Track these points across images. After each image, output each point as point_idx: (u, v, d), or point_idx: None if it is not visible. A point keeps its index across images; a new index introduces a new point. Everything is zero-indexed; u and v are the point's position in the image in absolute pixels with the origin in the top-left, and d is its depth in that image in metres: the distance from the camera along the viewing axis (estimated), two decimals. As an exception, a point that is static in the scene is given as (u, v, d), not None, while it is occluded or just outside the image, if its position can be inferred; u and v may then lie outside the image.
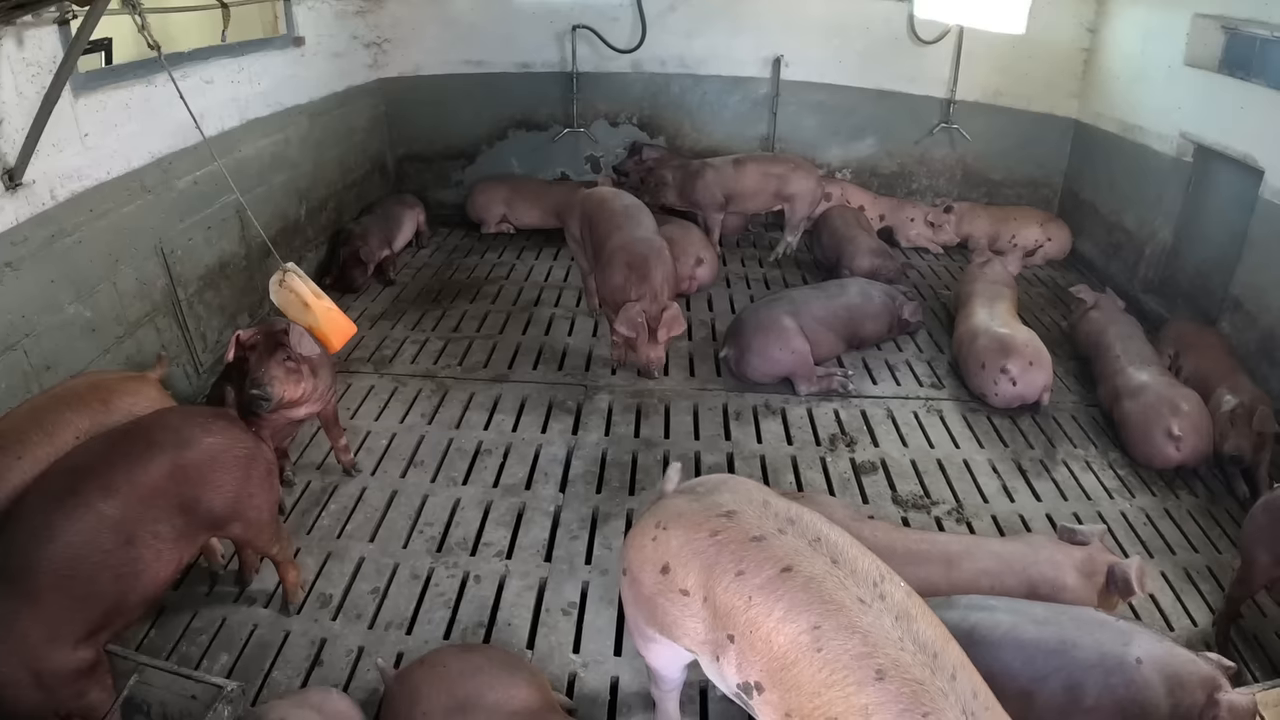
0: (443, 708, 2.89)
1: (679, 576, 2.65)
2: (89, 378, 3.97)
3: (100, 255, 4.67)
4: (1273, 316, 5.82)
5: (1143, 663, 2.81)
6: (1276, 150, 5.83)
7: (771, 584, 2.42)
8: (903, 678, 2.18)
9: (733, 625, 2.49)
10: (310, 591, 4.11)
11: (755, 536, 2.54)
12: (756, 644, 2.42)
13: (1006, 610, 3.11)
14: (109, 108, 4.75)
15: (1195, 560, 4.63)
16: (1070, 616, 3.06)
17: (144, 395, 3.81)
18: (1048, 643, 2.93)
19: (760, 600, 2.41)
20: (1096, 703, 2.81)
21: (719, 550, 2.56)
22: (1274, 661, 3.99)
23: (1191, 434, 5.13)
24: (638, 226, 5.82)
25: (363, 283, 7.32)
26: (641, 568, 2.80)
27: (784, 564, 2.44)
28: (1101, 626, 2.98)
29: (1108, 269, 8.18)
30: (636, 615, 2.95)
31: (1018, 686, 2.85)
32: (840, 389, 6.00)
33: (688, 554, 2.62)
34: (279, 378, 3.97)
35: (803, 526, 2.59)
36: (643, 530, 2.84)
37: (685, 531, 2.67)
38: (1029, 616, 3.06)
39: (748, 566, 2.48)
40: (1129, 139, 7.85)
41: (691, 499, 2.80)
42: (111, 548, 2.95)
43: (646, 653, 3.10)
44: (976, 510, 4.90)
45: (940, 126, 9.04)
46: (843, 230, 7.82)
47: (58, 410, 3.54)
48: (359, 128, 8.27)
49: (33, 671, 2.77)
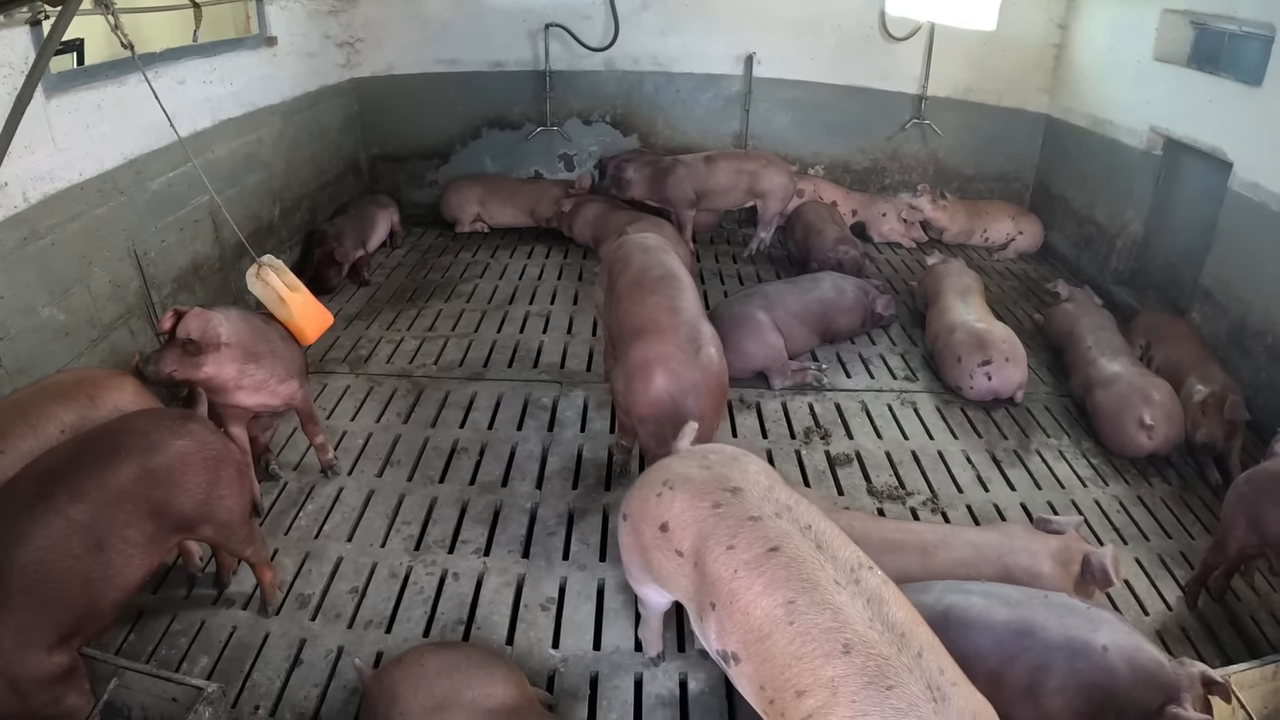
0: (421, 706, 2.89)
1: (676, 537, 2.80)
2: (75, 373, 3.97)
3: (73, 257, 4.65)
4: (1242, 306, 5.92)
5: (1109, 650, 2.87)
6: (1245, 143, 5.93)
7: (757, 561, 2.54)
8: (869, 652, 2.27)
9: (716, 594, 2.62)
10: (289, 592, 4.10)
11: (753, 516, 2.67)
12: (735, 615, 2.54)
13: (980, 593, 3.17)
14: (81, 109, 4.73)
15: (1169, 546, 4.71)
16: (1042, 600, 3.12)
17: (128, 391, 3.81)
18: (1017, 625, 3.00)
19: (744, 574, 2.55)
20: (1062, 684, 2.88)
21: (717, 522, 2.70)
22: (1249, 644, 4.07)
23: (1163, 423, 5.22)
24: (676, 316, 4.24)
25: (337, 283, 7.30)
26: (643, 519, 2.96)
27: (772, 544, 2.57)
28: (1071, 611, 3.04)
29: (1079, 262, 8.28)
30: (632, 561, 3.15)
31: (988, 668, 2.92)
32: (814, 382, 6.04)
33: (688, 519, 2.78)
34: (167, 357, 3.88)
35: (798, 514, 2.71)
36: (650, 484, 2.99)
37: (690, 497, 2.82)
38: (1001, 599, 3.13)
39: (739, 542, 2.61)
40: (1099, 133, 7.95)
41: (703, 466, 2.94)
42: (81, 552, 2.93)
43: (638, 590, 3.31)
44: (952, 500, 4.96)
45: (912, 122, 9.11)
46: (815, 225, 7.87)
47: (43, 404, 3.53)
48: (332, 128, 8.25)
49: (6, 678, 2.75)
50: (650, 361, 4.07)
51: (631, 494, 3.11)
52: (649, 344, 4.12)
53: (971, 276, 6.99)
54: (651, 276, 4.50)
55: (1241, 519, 3.96)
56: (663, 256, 4.72)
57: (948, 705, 2.20)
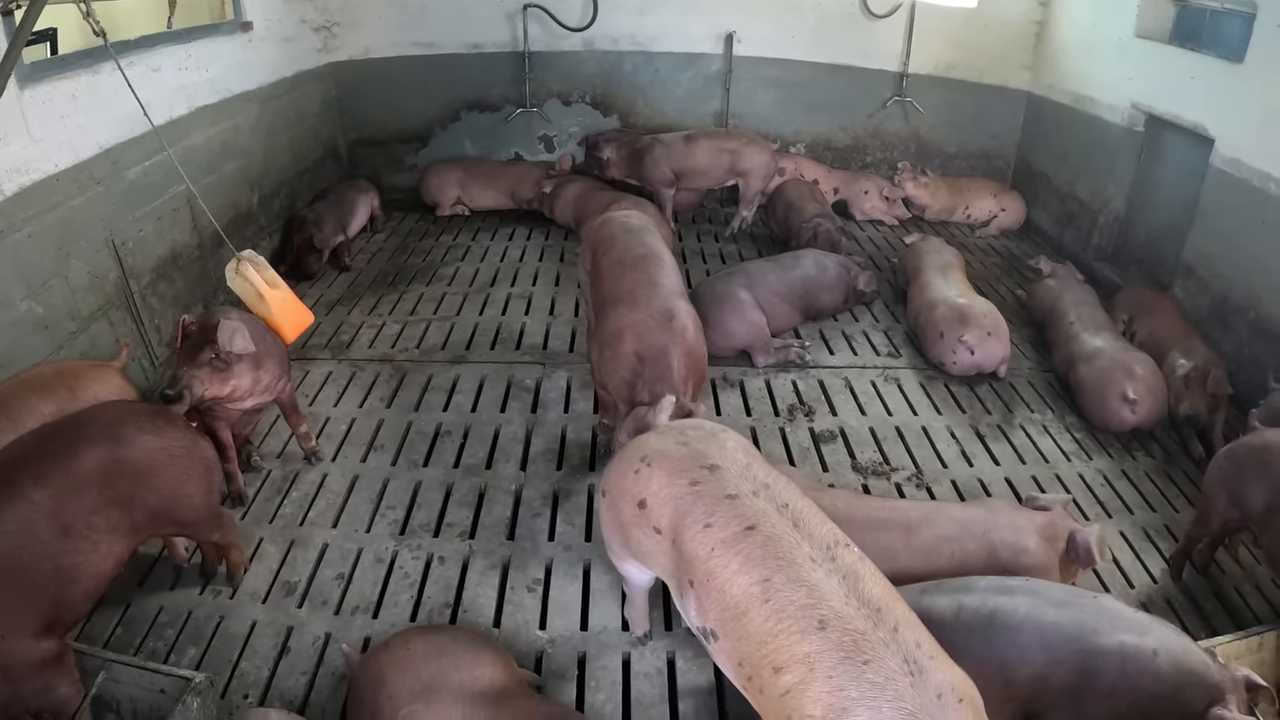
0: (408, 690, 2.89)
1: (654, 515, 2.81)
2: (55, 365, 3.96)
3: (51, 249, 4.59)
4: (1224, 282, 5.97)
5: (1159, 654, 2.84)
6: (1226, 119, 5.97)
7: (734, 539, 2.55)
8: (844, 628, 2.28)
9: (694, 572, 2.63)
10: (275, 580, 4.09)
11: (730, 494, 2.68)
12: (713, 593, 2.55)
13: (1026, 593, 3.12)
14: (56, 99, 4.67)
15: (1153, 520, 4.75)
16: (1089, 601, 3.09)
17: (109, 383, 3.82)
18: (1066, 628, 2.95)
19: (721, 553, 2.55)
20: (1111, 689, 2.84)
21: (695, 500, 2.71)
22: (1234, 616, 4.11)
23: (1146, 397, 5.26)
24: (653, 290, 4.36)
25: (317, 269, 7.26)
26: (621, 496, 2.97)
27: (749, 523, 2.58)
28: (1119, 615, 3.00)
29: (1061, 238, 8.32)
30: (612, 538, 3.17)
31: (1034, 670, 2.90)
32: (797, 360, 6.05)
33: (666, 496, 2.79)
34: (200, 377, 3.84)
35: (775, 492, 2.72)
36: (628, 460, 2.99)
37: (667, 475, 2.83)
38: (1048, 599, 3.08)
39: (716, 520, 2.62)
40: (1081, 110, 7.98)
41: (680, 443, 2.94)
42: (48, 538, 2.91)
43: (619, 566, 3.32)
44: (936, 476, 4.98)
45: (893, 100, 9.12)
46: (796, 203, 7.88)
47: (22, 397, 3.54)
48: (310, 113, 8.18)
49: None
50: (621, 329, 4.20)
51: (610, 470, 3.12)
52: (622, 312, 4.26)
53: (952, 253, 7.01)
54: (633, 255, 4.58)
55: (1222, 493, 3.99)
56: (645, 237, 4.79)
57: (925, 678, 2.22)
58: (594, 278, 4.73)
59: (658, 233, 5.01)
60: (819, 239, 7.25)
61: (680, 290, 4.49)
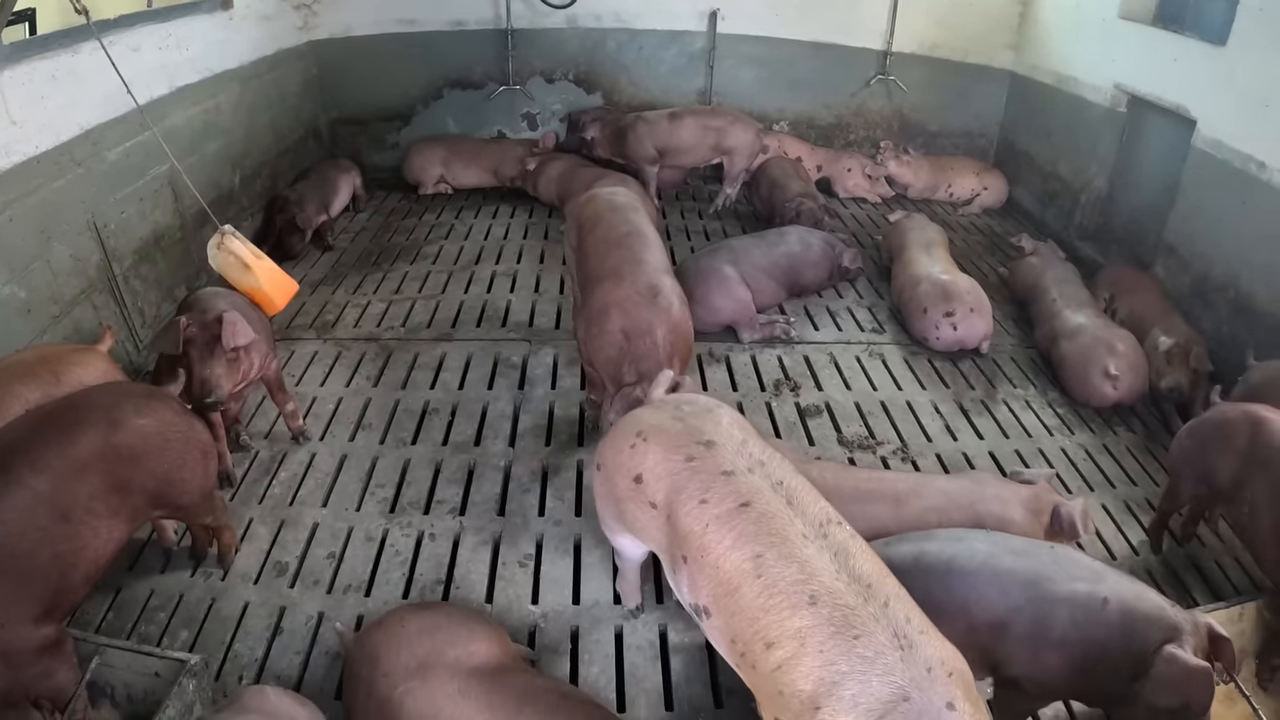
0: (404, 667, 2.89)
1: (650, 489, 2.82)
2: (38, 350, 3.92)
3: (32, 233, 4.55)
4: (1204, 261, 6.03)
5: (1109, 603, 2.88)
6: (1208, 101, 6.01)
7: (729, 516, 2.57)
8: (835, 603, 2.31)
9: (688, 548, 2.65)
10: (266, 561, 4.09)
11: (726, 471, 2.69)
12: (706, 568, 2.57)
13: (985, 541, 3.18)
14: (36, 80, 4.62)
15: (1135, 493, 4.82)
16: (1046, 550, 3.14)
17: (94, 367, 3.77)
18: (1022, 574, 3.00)
19: (715, 529, 2.57)
20: (1063, 637, 2.89)
21: (690, 476, 2.72)
22: (1213, 589, 4.18)
23: (1128, 373, 5.32)
24: (639, 267, 4.35)
25: (300, 249, 7.23)
26: (616, 470, 2.98)
27: (743, 500, 2.59)
28: (1075, 563, 3.05)
29: (1043, 217, 8.38)
30: (606, 510, 3.18)
31: (993, 616, 2.95)
32: (783, 335, 6.08)
33: (661, 472, 2.79)
34: (223, 375, 3.93)
35: (769, 469, 2.73)
36: (623, 435, 3.00)
37: (663, 450, 2.84)
38: (1006, 547, 3.14)
39: (711, 497, 2.64)
40: (1064, 90, 8.03)
41: (676, 419, 2.95)
42: (47, 524, 2.90)
43: (612, 539, 3.35)
44: (921, 449, 5.03)
45: (877, 78, 9.14)
46: (780, 181, 7.89)
47: (5, 383, 3.49)
48: (291, 92, 8.12)
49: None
50: (607, 305, 4.20)
51: (605, 443, 3.13)
52: (607, 289, 4.26)
53: (935, 230, 7.05)
54: (618, 233, 4.58)
55: (1188, 470, 4.06)
56: (630, 214, 4.79)
57: (915, 652, 2.24)
58: (579, 255, 4.73)
59: (643, 210, 5.01)
60: (802, 217, 7.26)
61: (666, 267, 4.52)
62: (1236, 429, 3.83)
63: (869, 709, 2.17)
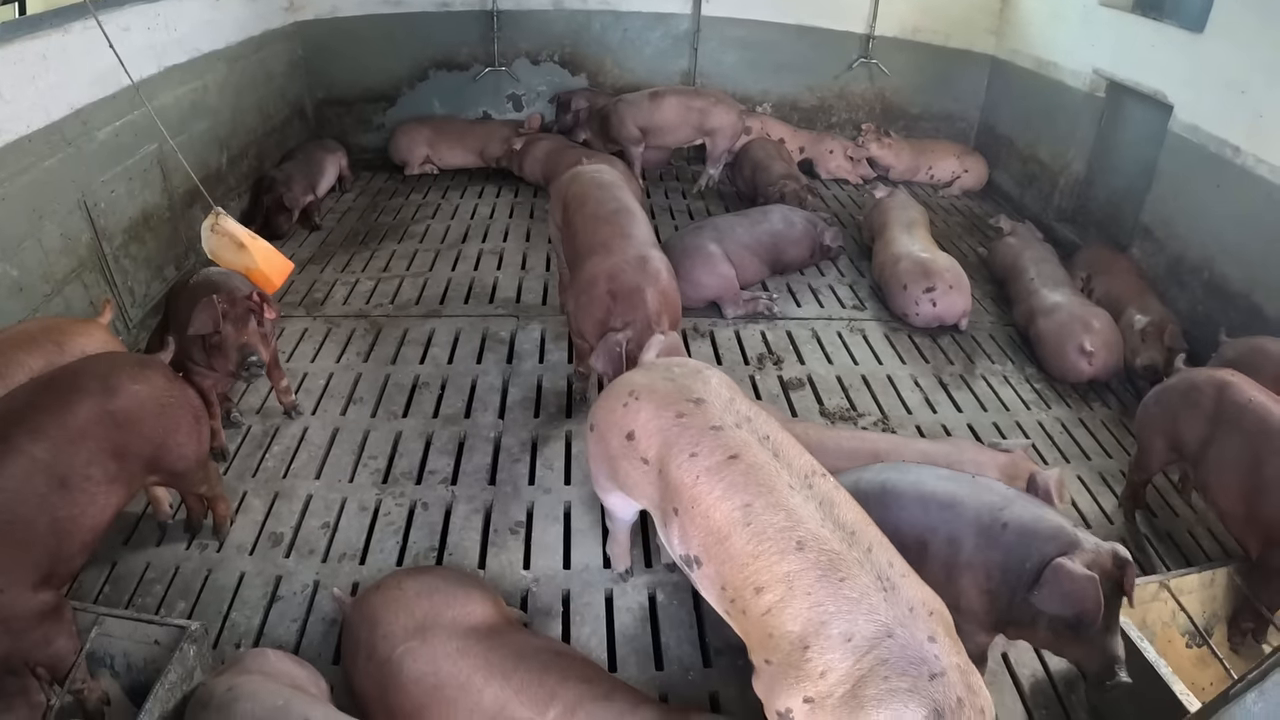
0: (403, 628, 2.96)
1: (642, 445, 2.91)
2: (41, 321, 3.98)
3: (24, 212, 4.57)
4: (1180, 243, 6.16)
5: (1008, 528, 2.97)
6: (1185, 87, 6.14)
7: (718, 468, 2.66)
8: (820, 548, 2.42)
9: (679, 500, 2.74)
10: (261, 532, 4.14)
11: (714, 426, 2.78)
12: (697, 519, 2.67)
13: (915, 470, 3.32)
14: (26, 59, 4.63)
15: (1110, 465, 4.94)
16: (968, 478, 3.25)
17: (95, 338, 3.83)
18: (941, 498, 3.12)
19: (705, 480, 2.66)
20: (970, 559, 3.01)
21: (681, 431, 2.81)
22: (1186, 556, 4.31)
23: (1103, 349, 5.45)
24: (627, 240, 4.44)
25: (288, 229, 7.26)
26: (609, 429, 3.06)
27: (732, 452, 2.68)
28: (989, 490, 3.15)
29: (1023, 199, 8.49)
30: (599, 470, 3.27)
31: (916, 535, 3.07)
32: (766, 311, 6.17)
33: (653, 428, 2.88)
34: (258, 344, 4.15)
35: (756, 425, 2.83)
36: (615, 395, 3.09)
37: (655, 407, 2.92)
38: (934, 474, 3.27)
39: (701, 450, 2.73)
40: (1044, 75, 8.14)
41: (666, 378, 3.04)
42: (46, 491, 2.94)
43: (604, 498, 3.43)
44: (901, 421, 5.14)
45: (859, 62, 9.20)
46: (763, 162, 7.98)
47: (10, 352, 3.54)
48: (277, 73, 8.12)
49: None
50: (596, 274, 4.30)
51: (598, 404, 3.22)
52: (596, 260, 4.37)
53: (917, 209, 7.15)
54: (606, 210, 4.67)
55: (1157, 436, 4.17)
56: (617, 192, 4.87)
57: (897, 594, 2.36)
58: (567, 232, 4.82)
59: (628, 187, 5.10)
60: (787, 199, 7.35)
61: (653, 241, 4.61)
62: (1203, 392, 3.94)
63: (856, 646, 2.29)
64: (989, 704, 2.31)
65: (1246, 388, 3.83)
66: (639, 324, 4.11)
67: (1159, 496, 4.70)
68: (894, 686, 2.22)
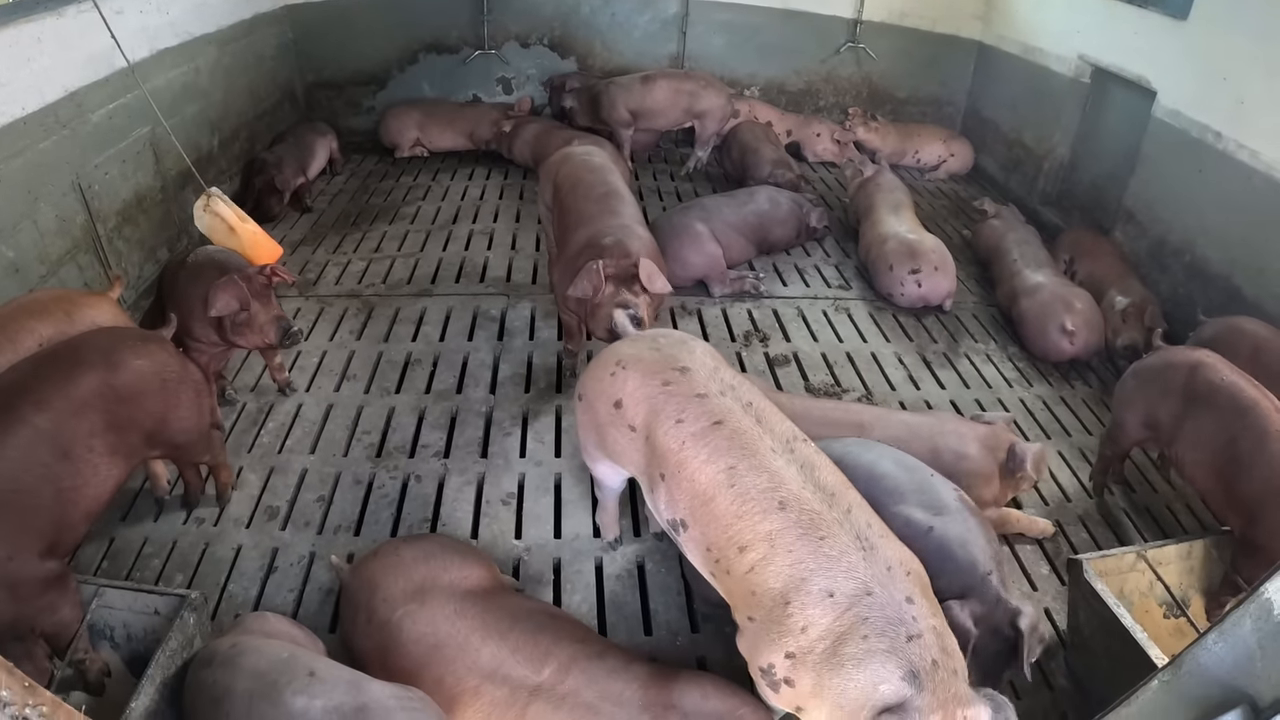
0: (401, 591, 3.04)
1: (629, 413, 2.99)
2: (52, 291, 4.03)
3: (19, 193, 4.62)
4: (1162, 227, 6.26)
5: (932, 533, 3.09)
6: (1169, 73, 6.24)
7: (703, 433, 2.75)
8: (802, 508, 2.51)
9: (665, 465, 2.82)
10: (257, 506, 4.20)
11: (699, 393, 2.86)
12: (683, 483, 2.75)
13: (878, 449, 3.44)
14: (21, 42, 4.67)
15: (1089, 441, 5.03)
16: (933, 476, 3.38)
17: (105, 312, 3.88)
18: (887, 483, 3.26)
19: (690, 445, 2.74)
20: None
21: (667, 399, 2.89)
22: (1165, 530, 4.41)
23: (1084, 329, 5.55)
24: (616, 218, 4.54)
25: (279, 211, 7.29)
26: (598, 398, 3.13)
27: (716, 418, 2.77)
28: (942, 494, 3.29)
29: (1008, 183, 8.58)
30: (588, 438, 3.34)
31: None
32: (752, 290, 6.25)
33: (640, 396, 2.96)
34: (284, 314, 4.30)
35: (740, 392, 2.91)
36: (603, 365, 3.16)
37: (642, 376, 2.99)
38: (896, 460, 3.39)
39: (687, 416, 2.81)
40: (1030, 60, 8.22)
41: (653, 348, 3.12)
42: (50, 461, 2.99)
43: (593, 467, 3.51)
44: (885, 397, 5.22)
45: (847, 46, 9.26)
46: (751, 145, 8.04)
47: (21, 320, 3.60)
48: (267, 56, 8.14)
49: (5, 585, 2.81)
50: (583, 247, 4.39)
51: (585, 375, 3.29)
52: (582, 235, 4.47)
53: (904, 191, 7.21)
54: (596, 193, 4.76)
55: (1133, 413, 4.24)
56: (607, 175, 4.95)
57: (875, 553, 2.45)
58: (557, 213, 4.91)
59: (617, 170, 5.17)
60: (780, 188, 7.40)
61: (641, 221, 4.70)
62: (1177, 370, 4.02)
63: (836, 602, 2.37)
64: (963, 666, 2.38)
65: (1220, 367, 3.89)
66: (622, 264, 4.14)
67: (1138, 473, 4.79)
68: (872, 647, 2.30)
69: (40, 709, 1.52)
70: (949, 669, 2.30)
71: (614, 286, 4.10)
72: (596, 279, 4.06)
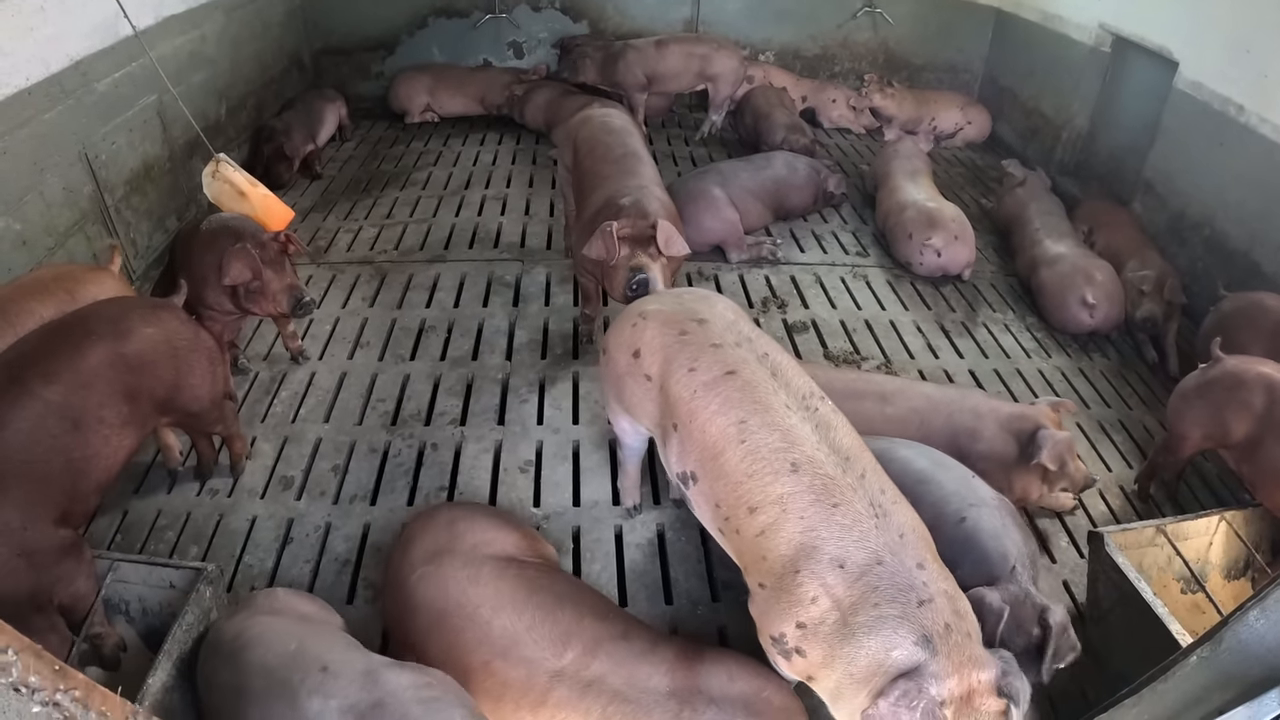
0: (423, 553, 3.00)
1: (645, 362, 2.97)
2: (53, 269, 3.98)
3: (26, 165, 4.55)
4: (1182, 199, 6.15)
5: (965, 523, 3.02)
6: (1191, 44, 6.09)
7: (715, 382, 2.72)
8: (815, 472, 2.46)
9: (677, 414, 2.80)
10: (272, 476, 4.16)
11: (714, 343, 2.83)
12: (694, 433, 2.72)
13: (914, 447, 3.39)
14: (24, 11, 4.58)
15: (1109, 414, 4.97)
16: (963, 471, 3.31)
17: (106, 285, 3.84)
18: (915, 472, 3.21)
19: (702, 394, 2.72)
20: None
21: (681, 348, 2.86)
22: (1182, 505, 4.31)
23: (1104, 302, 5.46)
24: (635, 179, 4.51)
25: (289, 178, 7.23)
26: (618, 349, 3.13)
27: (729, 368, 2.73)
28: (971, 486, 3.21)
29: (1025, 152, 8.42)
30: (609, 391, 3.34)
31: None
32: (770, 256, 6.19)
33: (656, 345, 2.94)
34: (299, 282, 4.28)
35: (756, 345, 2.88)
36: (626, 317, 3.17)
37: (660, 325, 2.99)
38: (931, 457, 3.34)
39: (700, 365, 2.78)
40: (1049, 28, 8.07)
41: (674, 301, 3.12)
42: (59, 432, 2.97)
43: (615, 422, 3.48)
44: (904, 365, 5.17)
45: (863, 11, 9.12)
46: (764, 110, 7.95)
47: (22, 300, 3.55)
48: (275, 22, 8.05)
49: (24, 554, 2.79)
50: (600, 209, 4.36)
51: (610, 329, 3.28)
52: (600, 195, 4.47)
53: (921, 159, 7.14)
54: (615, 155, 4.73)
55: (1196, 428, 3.95)
56: (626, 138, 4.92)
57: (888, 521, 2.41)
58: (576, 175, 4.88)
59: (636, 133, 5.12)
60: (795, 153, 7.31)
61: (659, 183, 4.65)
62: (1252, 390, 3.75)
63: (847, 573, 2.33)
64: (976, 629, 2.35)
65: None
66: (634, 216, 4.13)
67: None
68: (884, 613, 2.26)
69: (73, 693, 1.42)
70: (962, 632, 2.27)
71: (630, 249, 4.06)
72: (610, 240, 4.00)
